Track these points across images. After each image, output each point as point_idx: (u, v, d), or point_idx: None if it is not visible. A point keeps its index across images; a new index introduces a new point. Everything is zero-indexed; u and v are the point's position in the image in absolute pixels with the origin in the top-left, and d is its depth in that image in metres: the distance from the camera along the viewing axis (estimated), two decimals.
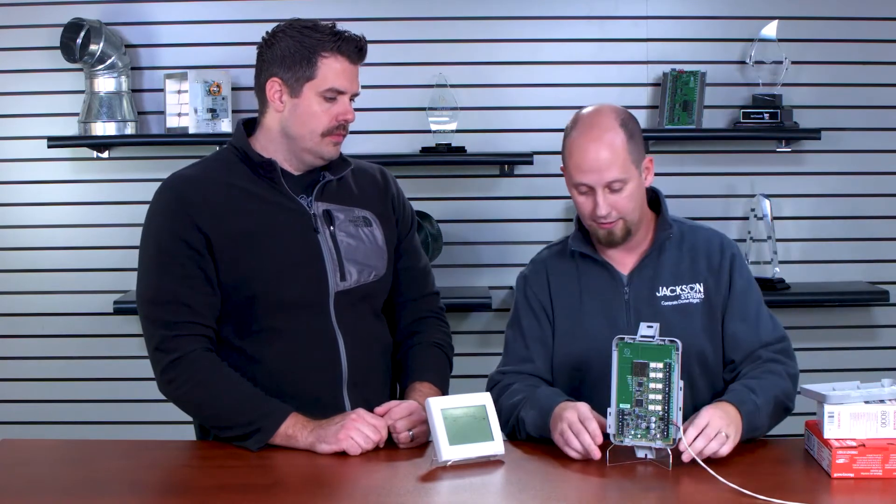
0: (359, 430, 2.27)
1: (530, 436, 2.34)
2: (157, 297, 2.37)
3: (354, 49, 2.39)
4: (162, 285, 2.36)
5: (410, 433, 2.31)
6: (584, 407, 2.24)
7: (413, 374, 2.52)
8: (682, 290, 2.44)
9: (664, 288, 2.44)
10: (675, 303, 2.44)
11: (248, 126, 2.49)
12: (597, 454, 2.18)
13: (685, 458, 2.14)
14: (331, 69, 2.38)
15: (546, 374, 2.49)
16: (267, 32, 2.43)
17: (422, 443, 2.32)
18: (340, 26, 2.43)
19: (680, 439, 2.15)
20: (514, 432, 2.39)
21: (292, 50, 2.37)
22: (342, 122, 2.41)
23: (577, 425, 2.21)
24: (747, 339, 2.42)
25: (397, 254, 2.57)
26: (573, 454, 2.20)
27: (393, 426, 2.32)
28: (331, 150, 2.43)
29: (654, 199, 2.50)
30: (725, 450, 2.15)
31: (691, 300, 2.44)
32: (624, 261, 2.48)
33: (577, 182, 2.39)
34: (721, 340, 2.44)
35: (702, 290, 2.44)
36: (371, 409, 2.35)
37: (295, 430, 2.30)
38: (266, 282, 2.38)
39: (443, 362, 2.58)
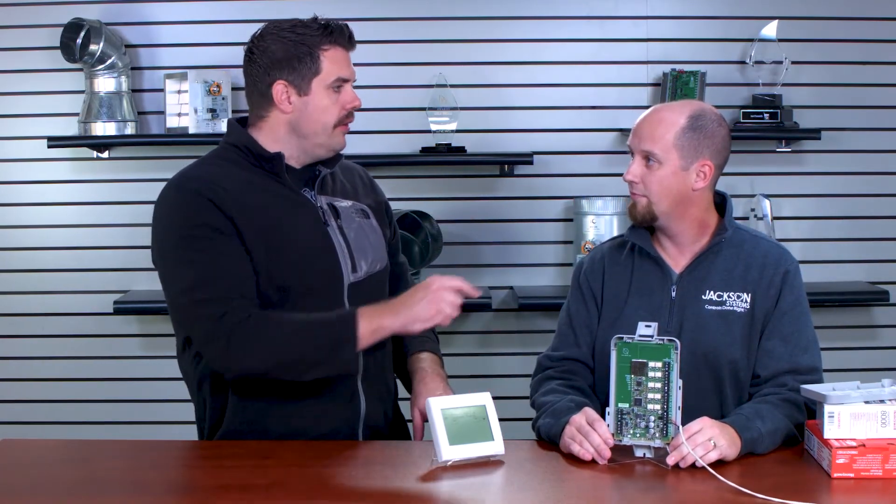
0: (444, 299, 2.31)
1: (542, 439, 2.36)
2: (199, 280, 2.32)
3: (347, 37, 2.43)
4: (202, 267, 2.32)
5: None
6: (591, 410, 2.25)
7: (410, 346, 2.57)
8: (728, 296, 2.42)
9: (711, 292, 2.43)
10: (719, 308, 2.42)
11: (241, 125, 2.49)
12: (607, 455, 2.18)
13: (669, 460, 2.14)
14: (333, 61, 2.40)
15: (589, 359, 2.51)
16: (253, 38, 2.43)
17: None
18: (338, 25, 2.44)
19: (668, 443, 2.16)
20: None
21: (292, 50, 2.38)
22: (350, 110, 2.43)
23: (586, 427, 2.21)
24: (781, 358, 2.39)
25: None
26: (583, 455, 2.20)
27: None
28: (341, 141, 2.45)
29: (722, 204, 2.49)
30: (712, 456, 2.14)
31: (735, 308, 2.42)
32: (678, 259, 2.47)
33: (628, 143, 2.45)
34: (756, 353, 2.42)
35: (748, 300, 2.42)
36: (379, 404, 2.38)
37: (376, 321, 2.31)
38: (286, 275, 2.38)
39: (432, 337, 2.63)
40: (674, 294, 2.45)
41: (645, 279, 2.48)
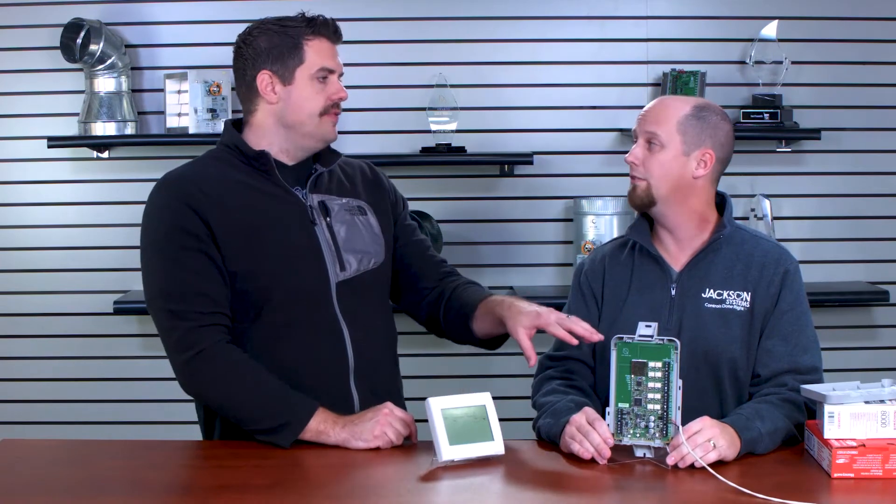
0: (391, 425, 2.31)
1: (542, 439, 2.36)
2: (171, 291, 2.36)
3: (332, 30, 2.46)
4: (175, 277, 2.36)
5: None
6: (591, 410, 2.25)
7: (475, 299, 2.53)
8: (728, 295, 2.43)
9: (711, 290, 2.43)
10: (718, 307, 2.42)
11: (235, 126, 2.51)
12: (607, 454, 2.18)
13: (669, 460, 2.14)
14: (317, 51, 2.43)
15: (590, 359, 2.51)
16: (241, 35, 2.48)
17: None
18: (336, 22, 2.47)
19: (668, 443, 2.16)
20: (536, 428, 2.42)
21: (276, 42, 2.41)
22: (336, 101, 2.45)
23: (586, 427, 2.21)
24: (781, 358, 2.39)
25: (398, 232, 2.61)
26: (583, 453, 2.20)
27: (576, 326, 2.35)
28: (330, 130, 2.46)
29: (722, 205, 2.50)
30: (711, 456, 2.13)
31: (735, 307, 2.42)
32: (678, 257, 2.48)
33: (633, 130, 2.48)
34: (756, 353, 2.42)
35: (748, 298, 2.42)
36: (379, 401, 2.36)
37: (325, 425, 2.31)
38: (269, 274, 2.39)
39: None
40: (673, 292, 2.45)
41: (645, 277, 2.49)
